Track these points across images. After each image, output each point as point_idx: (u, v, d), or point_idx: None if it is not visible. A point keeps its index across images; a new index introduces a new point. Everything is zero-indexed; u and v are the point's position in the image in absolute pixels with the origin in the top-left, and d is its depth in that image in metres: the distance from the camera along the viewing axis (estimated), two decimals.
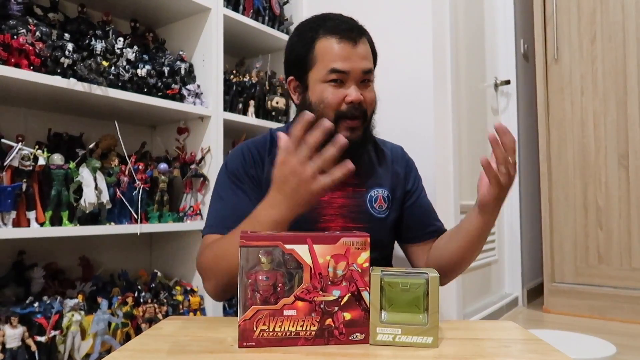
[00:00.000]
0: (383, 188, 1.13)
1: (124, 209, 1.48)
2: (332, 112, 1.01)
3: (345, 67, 1.00)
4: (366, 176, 1.12)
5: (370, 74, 1.05)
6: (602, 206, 2.52)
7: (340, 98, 1.01)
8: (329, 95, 1.01)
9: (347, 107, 1.01)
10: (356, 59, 1.01)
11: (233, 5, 1.87)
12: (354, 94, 1.00)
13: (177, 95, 1.63)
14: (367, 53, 1.05)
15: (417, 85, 1.83)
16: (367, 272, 0.70)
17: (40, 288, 1.38)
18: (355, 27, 1.06)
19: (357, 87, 1.01)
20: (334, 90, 1.01)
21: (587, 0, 2.58)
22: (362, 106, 1.02)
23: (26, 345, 1.19)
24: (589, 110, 2.57)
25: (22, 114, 1.54)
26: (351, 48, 1.01)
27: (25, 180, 1.24)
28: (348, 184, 1.08)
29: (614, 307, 2.41)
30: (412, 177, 1.19)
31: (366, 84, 1.05)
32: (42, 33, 1.30)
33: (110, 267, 1.68)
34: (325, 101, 1.01)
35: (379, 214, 1.11)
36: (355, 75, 1.01)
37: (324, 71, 1.02)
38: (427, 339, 0.69)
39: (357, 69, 1.01)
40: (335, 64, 1.01)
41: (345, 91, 1.01)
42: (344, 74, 1.01)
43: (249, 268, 0.68)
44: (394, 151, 1.21)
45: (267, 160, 1.08)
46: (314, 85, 1.04)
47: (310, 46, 1.04)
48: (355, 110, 1.01)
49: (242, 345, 0.68)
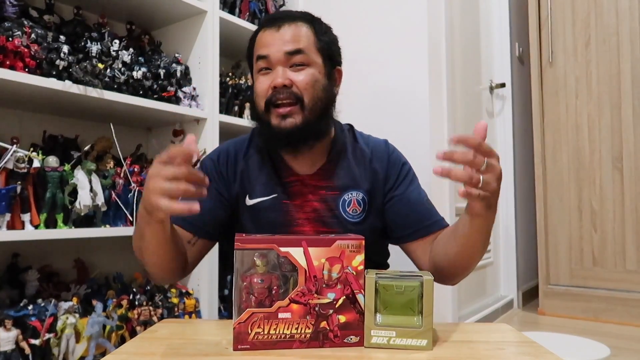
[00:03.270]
0: (358, 190, 1.05)
1: (119, 211, 1.47)
2: (262, 100, 0.99)
3: (266, 52, 0.98)
4: (340, 178, 1.06)
5: (300, 54, 0.98)
6: (596, 209, 2.53)
7: (267, 85, 0.98)
8: (258, 84, 1.00)
9: (273, 92, 0.97)
10: (277, 42, 0.98)
11: (229, 8, 1.87)
12: (278, 78, 0.96)
13: (172, 98, 1.63)
14: (294, 34, 0.99)
15: (412, 88, 1.84)
16: (362, 274, 0.70)
17: (34, 291, 1.38)
18: (288, 15, 1.03)
19: (284, 70, 0.97)
20: (263, 77, 0.99)
21: (582, 4, 2.60)
22: (291, 90, 0.96)
23: (20, 348, 1.18)
24: (584, 113, 2.59)
25: (17, 116, 1.53)
26: (274, 32, 0.99)
27: (20, 183, 1.24)
28: (320, 187, 1.05)
29: (609, 309, 2.42)
30: (394, 172, 1.09)
31: (298, 68, 0.98)
32: (38, 35, 1.30)
33: (105, 269, 1.67)
34: (256, 91, 1.00)
35: (352, 218, 1.04)
36: (277, 58, 0.97)
37: (254, 62, 1.02)
38: (422, 341, 0.69)
39: (279, 51, 0.97)
40: (258, 51, 1.00)
41: (271, 77, 0.98)
42: (267, 59, 0.98)
43: (244, 271, 0.68)
44: (376, 148, 1.12)
45: (241, 159, 1.07)
46: (254, 78, 1.03)
47: (252, 43, 1.05)
48: (280, 94, 0.96)
49: (237, 348, 0.68)
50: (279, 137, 0.98)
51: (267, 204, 1.04)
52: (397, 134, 1.82)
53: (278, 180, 1.05)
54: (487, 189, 0.74)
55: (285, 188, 1.04)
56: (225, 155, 1.08)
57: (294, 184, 1.05)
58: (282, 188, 1.04)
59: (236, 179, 1.06)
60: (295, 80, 0.97)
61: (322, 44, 1.02)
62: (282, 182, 1.05)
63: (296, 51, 0.97)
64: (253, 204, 1.04)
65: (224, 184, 1.06)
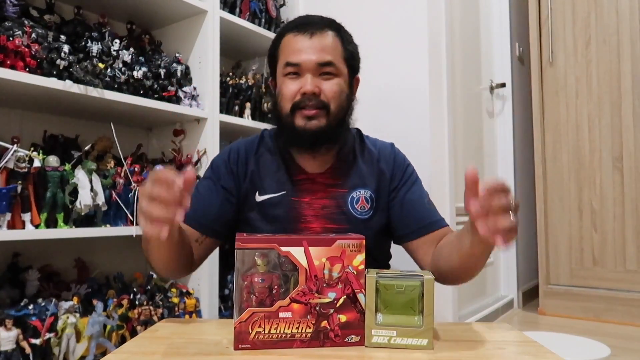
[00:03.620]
0: (366, 189, 1.10)
1: (120, 211, 1.47)
2: (288, 103, 1.02)
3: (298, 60, 1.02)
4: (349, 176, 1.10)
5: (330, 66, 1.03)
6: (596, 209, 2.53)
7: (295, 90, 1.02)
8: (285, 87, 1.03)
9: (302, 98, 1.01)
10: (310, 51, 1.02)
11: (229, 8, 1.87)
12: (307, 85, 1.00)
13: (173, 98, 1.63)
14: (325, 45, 1.03)
15: (413, 88, 1.84)
16: (363, 274, 0.71)
17: (35, 290, 1.38)
18: (318, 22, 1.06)
19: (313, 79, 1.01)
20: (291, 82, 1.03)
21: (582, 4, 2.60)
22: (319, 98, 1.01)
23: (21, 347, 1.18)
24: (584, 113, 2.59)
25: (17, 116, 1.53)
26: (306, 40, 1.02)
27: (21, 182, 1.24)
28: (330, 185, 1.09)
29: (609, 309, 2.42)
30: (399, 173, 1.13)
31: (327, 77, 1.03)
32: (38, 35, 1.30)
33: (106, 269, 1.67)
34: (282, 93, 1.04)
35: (360, 215, 1.08)
36: (309, 67, 1.01)
37: (282, 65, 1.05)
38: (422, 341, 0.69)
39: (310, 61, 1.01)
40: (289, 57, 1.03)
41: (300, 83, 1.02)
42: (297, 66, 1.02)
43: (244, 270, 0.68)
44: (382, 149, 1.17)
45: (252, 158, 1.11)
46: (278, 80, 1.07)
47: (277, 44, 1.08)
48: (309, 101, 1.01)
49: (238, 348, 0.68)
50: (303, 138, 1.02)
51: (276, 201, 1.07)
52: (397, 134, 1.83)
53: (288, 178, 1.08)
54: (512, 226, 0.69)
55: (295, 186, 1.08)
56: (236, 153, 1.11)
57: (303, 182, 1.08)
58: (292, 186, 1.08)
59: (246, 176, 1.09)
60: (324, 89, 1.02)
61: (347, 54, 1.07)
62: (292, 180, 1.08)
63: (327, 63, 1.02)
64: (262, 200, 1.08)
65: (233, 182, 1.09)
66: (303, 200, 1.07)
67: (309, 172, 1.09)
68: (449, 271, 0.95)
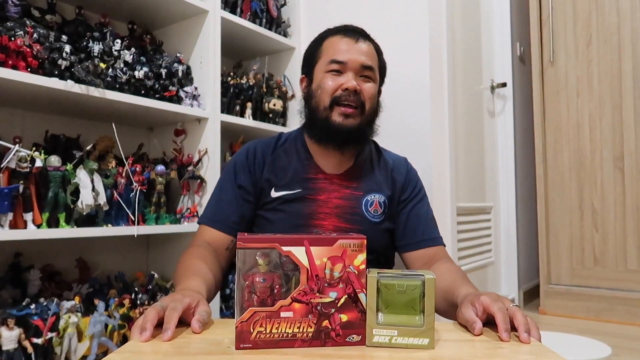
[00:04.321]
0: (380, 193, 1.15)
1: (121, 210, 1.47)
2: (328, 97, 1.07)
3: (344, 58, 1.08)
4: (364, 180, 1.15)
5: (370, 70, 1.10)
6: (597, 208, 2.53)
7: (337, 85, 1.07)
8: (328, 81, 1.08)
9: (342, 93, 1.07)
10: (356, 53, 1.08)
11: (230, 8, 1.87)
12: (350, 81, 1.06)
13: (174, 97, 1.64)
14: (368, 51, 1.11)
15: (414, 88, 1.84)
16: (364, 274, 0.71)
17: (36, 290, 1.38)
18: (361, 30, 1.14)
19: (355, 77, 1.08)
20: (333, 77, 1.08)
21: (583, 4, 2.60)
22: (359, 96, 1.07)
23: (23, 347, 1.18)
24: (585, 112, 2.59)
25: (19, 116, 1.54)
26: (352, 43, 1.09)
27: (22, 182, 1.24)
28: (346, 186, 1.13)
29: (610, 309, 2.42)
30: (411, 187, 1.20)
31: (366, 79, 1.10)
32: (40, 35, 1.30)
33: (107, 269, 1.68)
34: (322, 87, 1.08)
35: (373, 217, 1.13)
36: (353, 67, 1.08)
37: (325, 62, 1.10)
38: (424, 340, 0.69)
39: (356, 61, 1.08)
40: (335, 55, 1.09)
41: (343, 79, 1.07)
42: (343, 64, 1.08)
43: (246, 270, 0.68)
44: (397, 161, 1.24)
45: (269, 156, 1.15)
46: (317, 75, 1.12)
47: (319, 45, 1.14)
48: (349, 97, 1.06)
49: (239, 347, 0.68)
50: (337, 134, 1.08)
51: (292, 197, 1.11)
52: (398, 134, 1.83)
53: (305, 176, 1.13)
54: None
55: (311, 184, 1.12)
56: (253, 151, 1.16)
57: (320, 181, 1.13)
58: (308, 184, 1.12)
59: (263, 174, 1.13)
60: (363, 89, 1.09)
61: (381, 64, 1.17)
62: (310, 178, 1.13)
63: (369, 67, 1.10)
64: (278, 196, 1.12)
65: (250, 180, 1.13)
66: (318, 198, 1.11)
67: (327, 172, 1.14)
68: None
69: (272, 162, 1.15)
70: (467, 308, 0.80)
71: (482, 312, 0.78)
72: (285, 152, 1.17)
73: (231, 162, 1.18)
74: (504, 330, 0.72)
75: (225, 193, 1.14)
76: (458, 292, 0.90)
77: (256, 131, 1.93)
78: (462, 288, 0.91)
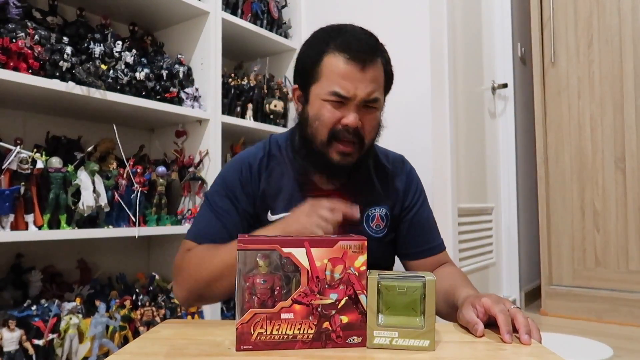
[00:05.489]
0: (381, 206, 1.09)
1: (122, 212, 1.48)
2: (326, 131, 0.97)
3: (348, 93, 0.95)
4: (364, 195, 1.08)
5: (375, 102, 0.98)
6: (599, 209, 2.53)
7: (337, 119, 0.97)
8: (326, 113, 0.97)
9: (341, 129, 0.97)
10: (361, 86, 0.95)
11: (231, 9, 1.87)
12: (351, 119, 0.95)
13: (175, 99, 1.64)
14: (375, 78, 0.97)
15: (415, 89, 1.84)
16: (364, 275, 0.71)
17: (38, 291, 1.38)
18: (369, 46, 0.98)
19: (357, 112, 0.96)
20: (332, 109, 0.97)
21: (584, 4, 2.60)
22: (358, 132, 0.97)
23: (24, 348, 1.19)
24: (586, 113, 2.58)
25: (20, 117, 1.54)
26: (358, 72, 0.95)
27: (24, 184, 1.24)
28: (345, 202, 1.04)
29: (611, 310, 2.42)
30: (412, 191, 1.14)
31: (369, 110, 0.99)
32: (41, 36, 1.31)
33: (108, 270, 1.68)
34: (320, 118, 0.98)
35: (376, 233, 1.08)
36: (357, 101, 0.96)
37: (325, 89, 0.96)
38: (424, 342, 0.69)
39: (360, 96, 0.95)
40: (337, 86, 0.95)
41: (343, 113, 0.96)
42: (345, 99, 0.96)
43: (246, 271, 0.68)
44: (395, 164, 1.15)
45: (263, 175, 1.07)
46: (314, 100, 0.99)
47: (317, 59, 0.99)
48: (349, 134, 0.97)
49: (240, 349, 0.68)
50: (335, 172, 1.01)
51: None
52: (399, 134, 1.83)
53: (301, 195, 1.04)
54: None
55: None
56: (248, 170, 1.07)
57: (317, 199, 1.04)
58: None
59: (257, 195, 1.06)
60: (364, 124, 0.98)
61: (387, 79, 1.03)
62: (306, 196, 1.03)
63: (374, 99, 0.97)
64: (276, 219, 1.04)
65: (250, 204, 1.06)
66: None
67: (324, 188, 1.06)
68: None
69: (267, 181, 1.07)
70: (468, 310, 0.80)
71: (483, 313, 0.78)
72: (279, 165, 1.08)
73: (227, 179, 1.08)
74: (506, 332, 0.72)
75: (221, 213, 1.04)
76: (458, 294, 0.90)
77: (257, 132, 1.93)
78: (463, 290, 0.91)
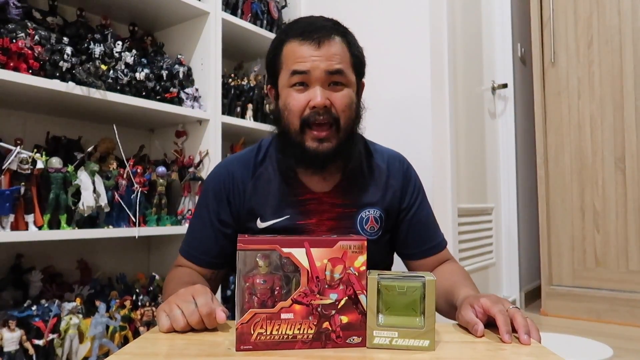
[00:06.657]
0: (375, 208, 1.05)
1: (122, 212, 1.48)
2: (297, 119, 0.94)
3: (305, 67, 0.92)
4: (357, 196, 1.05)
5: (340, 74, 0.94)
6: (599, 209, 2.53)
7: (304, 103, 0.93)
8: (292, 100, 0.94)
9: (311, 112, 0.93)
10: (318, 59, 0.92)
11: (231, 9, 1.87)
12: (316, 96, 0.92)
13: (175, 99, 1.64)
14: (334, 53, 0.94)
15: (415, 89, 1.84)
16: (364, 275, 0.71)
17: (38, 291, 1.38)
18: (323, 27, 0.96)
19: (322, 90, 0.93)
20: (297, 94, 0.94)
21: (584, 5, 2.60)
22: (330, 111, 0.93)
23: (24, 348, 1.19)
24: (586, 113, 2.58)
25: (20, 118, 1.54)
26: (314, 49, 0.93)
27: (24, 184, 1.24)
28: (337, 204, 1.03)
29: (611, 310, 2.42)
30: (410, 190, 1.10)
31: (337, 88, 0.95)
32: (41, 37, 1.31)
33: (108, 270, 1.68)
34: (288, 107, 0.95)
35: (370, 235, 1.04)
36: (318, 76, 0.92)
37: (287, 74, 0.95)
38: (424, 342, 0.69)
39: (319, 69, 0.92)
40: (295, 65, 0.93)
41: (309, 95, 0.93)
42: (305, 75, 0.93)
43: (246, 271, 0.68)
44: (391, 162, 1.11)
45: (249, 183, 1.04)
46: (282, 91, 0.98)
47: (278, 51, 0.98)
48: (320, 116, 0.92)
49: (240, 349, 0.68)
50: (313, 160, 0.96)
51: (281, 226, 1.01)
52: (399, 135, 1.83)
53: (292, 199, 1.02)
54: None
55: (300, 207, 1.02)
56: (231, 180, 1.04)
57: (309, 202, 1.02)
58: (296, 208, 1.02)
59: (244, 204, 1.03)
60: (334, 101, 0.94)
61: (355, 60, 0.99)
62: (297, 200, 1.02)
63: (337, 71, 0.94)
64: (265, 226, 1.02)
65: (230, 213, 1.04)
66: (310, 222, 1.02)
67: (315, 191, 1.03)
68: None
69: (254, 188, 1.03)
70: (467, 310, 0.80)
71: (482, 314, 0.78)
72: (266, 171, 1.04)
73: (207, 189, 1.06)
74: (506, 332, 0.73)
75: (202, 226, 1.05)
76: (458, 294, 0.90)
77: (257, 132, 1.93)
78: (462, 289, 0.91)
